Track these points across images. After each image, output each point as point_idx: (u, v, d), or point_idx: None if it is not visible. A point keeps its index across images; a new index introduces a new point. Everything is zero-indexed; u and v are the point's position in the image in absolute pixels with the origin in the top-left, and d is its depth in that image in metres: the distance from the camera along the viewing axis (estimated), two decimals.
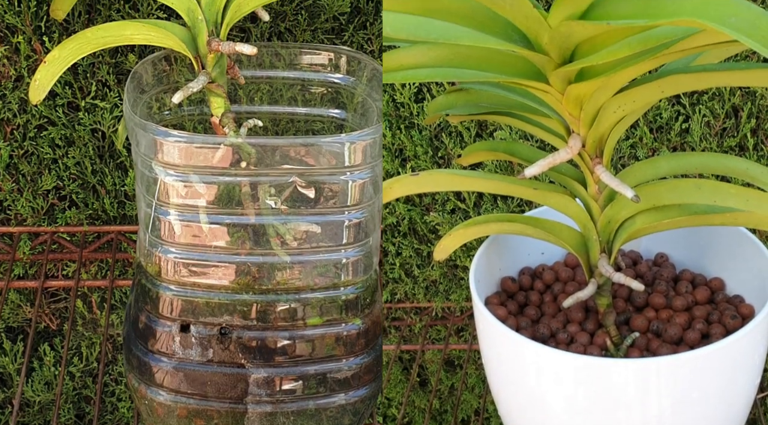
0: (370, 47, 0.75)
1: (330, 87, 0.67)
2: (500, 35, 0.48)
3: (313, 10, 0.72)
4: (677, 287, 0.62)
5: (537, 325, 0.60)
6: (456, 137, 0.79)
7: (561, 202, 0.57)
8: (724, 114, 0.76)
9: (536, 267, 0.65)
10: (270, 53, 0.67)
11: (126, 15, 0.71)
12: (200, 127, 0.68)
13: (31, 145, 0.75)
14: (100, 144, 0.76)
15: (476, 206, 0.81)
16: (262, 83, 0.68)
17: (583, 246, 0.58)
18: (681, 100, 0.77)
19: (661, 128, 0.78)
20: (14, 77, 0.72)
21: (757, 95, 0.76)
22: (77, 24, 0.71)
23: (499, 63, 0.50)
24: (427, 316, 0.85)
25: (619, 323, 0.60)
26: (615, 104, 0.51)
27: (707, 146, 0.77)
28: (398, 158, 0.80)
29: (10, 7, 0.69)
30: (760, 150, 0.77)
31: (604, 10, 0.45)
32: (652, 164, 0.57)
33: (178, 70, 0.65)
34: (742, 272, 0.61)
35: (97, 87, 0.73)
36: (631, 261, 0.65)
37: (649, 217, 0.55)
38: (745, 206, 0.53)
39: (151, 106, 0.65)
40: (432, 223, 0.82)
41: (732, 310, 0.59)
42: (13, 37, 0.71)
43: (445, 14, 0.47)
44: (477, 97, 0.57)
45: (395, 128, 0.79)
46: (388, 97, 0.78)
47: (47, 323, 0.81)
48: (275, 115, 0.69)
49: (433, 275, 0.84)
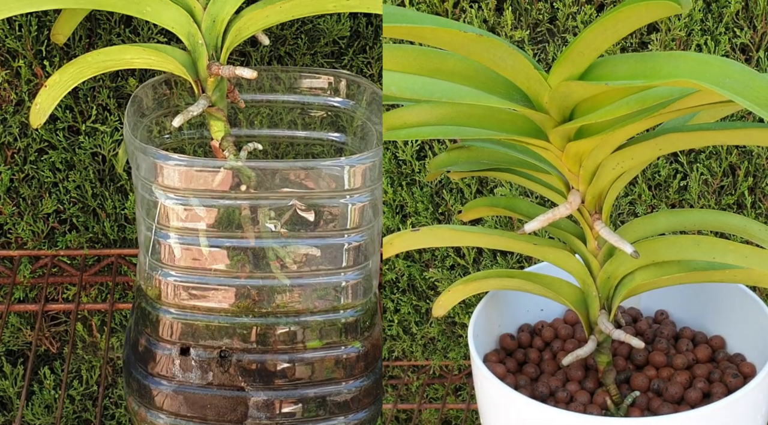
0: (369, 71, 0.75)
1: (330, 110, 0.68)
2: (502, 94, 0.48)
3: (313, 34, 0.73)
4: (678, 345, 0.62)
5: (536, 383, 0.59)
6: (457, 193, 0.80)
7: (560, 257, 0.58)
8: (722, 172, 0.77)
9: (535, 324, 0.65)
10: (270, 77, 0.68)
11: (126, 39, 0.72)
12: (200, 150, 0.68)
13: (31, 168, 0.75)
14: (100, 168, 0.76)
15: (475, 262, 0.81)
16: (262, 107, 0.68)
17: (582, 302, 0.58)
18: (679, 158, 0.78)
19: (659, 185, 0.79)
20: (15, 101, 0.73)
21: (754, 154, 0.77)
22: (78, 48, 0.72)
23: (501, 121, 0.51)
24: (424, 374, 0.85)
25: (620, 381, 0.60)
26: (613, 161, 0.51)
27: (705, 204, 0.78)
28: (399, 214, 0.81)
29: (11, 31, 0.69)
30: (758, 208, 0.78)
31: (602, 71, 0.46)
32: (650, 220, 0.57)
33: (178, 94, 0.66)
34: (743, 330, 0.61)
35: (98, 111, 0.74)
36: (631, 318, 0.65)
37: (648, 273, 0.56)
38: (744, 262, 0.53)
39: (151, 129, 0.65)
40: (431, 279, 0.82)
41: (733, 369, 0.59)
42: (14, 62, 0.71)
43: (449, 74, 0.48)
44: (478, 155, 0.58)
45: (397, 185, 0.80)
46: (390, 155, 0.79)
47: (47, 346, 0.81)
48: (275, 138, 0.69)
49: (432, 332, 0.84)
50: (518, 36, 0.75)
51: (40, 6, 0.58)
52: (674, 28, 0.74)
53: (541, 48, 0.76)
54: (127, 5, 0.59)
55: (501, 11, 0.75)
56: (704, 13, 0.74)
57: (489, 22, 0.75)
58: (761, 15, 0.74)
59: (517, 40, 0.75)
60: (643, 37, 0.76)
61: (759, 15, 0.74)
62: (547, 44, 0.76)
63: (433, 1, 0.74)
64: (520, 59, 0.46)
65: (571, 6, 0.74)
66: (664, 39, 0.75)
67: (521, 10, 0.76)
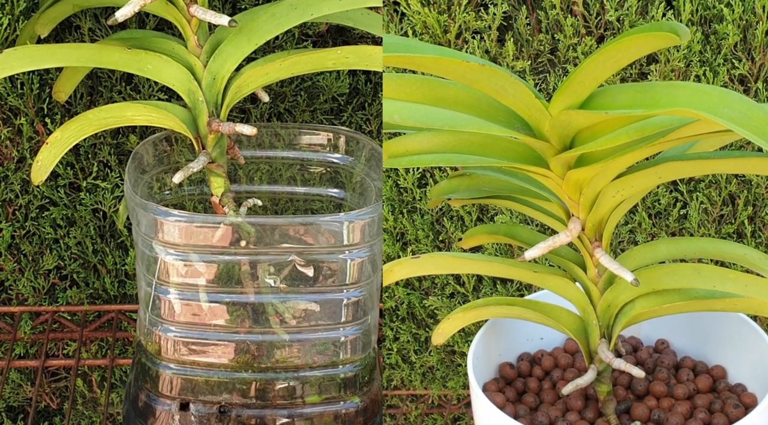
0: (368, 127, 0.76)
1: (329, 167, 0.68)
2: (503, 123, 0.49)
3: (313, 91, 0.74)
4: (678, 375, 0.62)
5: (535, 413, 0.59)
6: (457, 221, 0.80)
7: (560, 285, 0.58)
8: (721, 201, 0.77)
9: (535, 353, 0.65)
10: (270, 133, 0.68)
11: (128, 96, 0.72)
12: (200, 206, 0.69)
13: (32, 225, 0.75)
14: (101, 224, 0.76)
15: (475, 290, 0.81)
16: (262, 163, 0.69)
17: (582, 331, 0.58)
18: (679, 186, 0.78)
19: (659, 213, 0.79)
20: (17, 159, 0.73)
21: (753, 183, 0.77)
22: (79, 105, 0.72)
23: (502, 149, 0.51)
24: (423, 404, 0.84)
25: (620, 411, 0.59)
26: (614, 189, 0.52)
27: (705, 232, 0.78)
28: (399, 241, 0.81)
29: (13, 89, 0.70)
30: (758, 237, 0.78)
31: (602, 100, 0.46)
32: (651, 248, 0.57)
33: (178, 151, 0.66)
34: (744, 360, 0.61)
35: (99, 167, 0.74)
36: (631, 347, 0.65)
37: (648, 301, 0.56)
38: (744, 291, 0.53)
39: (152, 186, 0.66)
40: (431, 307, 0.82)
41: (734, 399, 0.59)
42: (15, 119, 0.72)
43: (451, 103, 0.49)
44: (479, 182, 0.58)
45: (398, 212, 0.80)
46: (391, 183, 0.79)
47: (48, 402, 0.80)
48: (274, 194, 0.69)
49: (431, 361, 0.83)
50: (520, 66, 0.76)
51: (42, 64, 0.59)
52: (673, 59, 0.75)
53: (542, 78, 0.77)
54: (128, 63, 0.60)
55: (503, 42, 0.76)
56: (703, 44, 0.75)
57: (491, 53, 0.76)
58: (759, 47, 0.74)
59: (518, 70, 0.76)
60: (642, 68, 0.76)
61: (757, 47, 0.74)
62: (548, 74, 0.77)
63: (436, 32, 0.75)
64: (521, 88, 0.46)
65: (572, 37, 0.75)
66: (664, 70, 0.75)
67: (523, 41, 0.76)
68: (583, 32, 0.75)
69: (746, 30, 0.74)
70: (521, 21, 0.76)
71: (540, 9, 0.76)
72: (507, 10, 0.75)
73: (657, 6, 0.74)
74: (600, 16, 0.75)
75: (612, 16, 0.74)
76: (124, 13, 0.56)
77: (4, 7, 0.67)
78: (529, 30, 0.76)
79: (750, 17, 0.74)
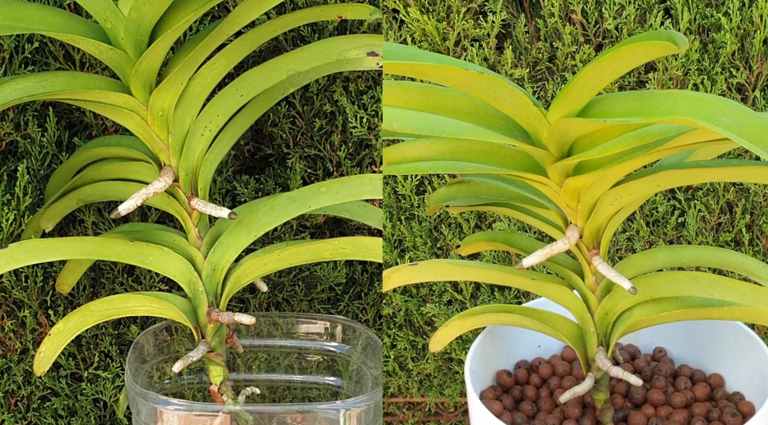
0: (365, 316, 0.77)
1: (326, 355, 0.70)
2: (501, 130, 0.49)
3: (310, 281, 0.75)
4: (676, 383, 0.62)
5: (533, 421, 0.59)
6: (455, 228, 0.80)
7: (558, 293, 0.58)
8: (719, 209, 0.77)
9: (532, 360, 0.65)
10: (268, 323, 0.70)
11: (129, 288, 0.73)
12: (200, 395, 0.69)
13: (34, 416, 0.75)
14: (101, 413, 0.75)
15: (473, 297, 0.81)
16: (260, 351, 0.70)
17: (580, 339, 0.58)
18: (677, 194, 0.78)
19: (657, 221, 0.79)
20: (20, 350, 0.73)
21: (751, 192, 0.77)
22: (82, 297, 0.72)
23: (500, 156, 0.51)
24: (420, 412, 0.84)
25: (617, 419, 0.59)
26: (611, 197, 0.52)
27: (703, 241, 0.78)
28: (397, 248, 0.81)
29: (17, 282, 0.70)
30: (756, 245, 0.78)
31: (600, 108, 0.46)
32: (648, 257, 0.57)
33: (178, 340, 0.67)
34: (742, 369, 0.61)
35: (100, 357, 0.74)
36: (629, 355, 0.65)
37: (646, 309, 0.56)
38: (742, 299, 0.53)
39: (152, 375, 0.66)
40: (428, 314, 0.82)
41: (732, 408, 0.59)
42: (19, 312, 0.72)
43: (449, 111, 0.49)
44: (477, 189, 0.58)
45: (395, 219, 0.80)
46: (390, 189, 0.79)
47: None
48: (272, 382, 0.71)
49: (428, 368, 0.83)
50: (518, 74, 0.76)
51: (46, 258, 0.60)
52: (671, 67, 0.75)
53: (541, 86, 0.77)
54: (130, 255, 0.61)
55: (501, 50, 0.76)
56: (701, 53, 0.75)
57: (490, 61, 0.76)
58: (757, 55, 0.75)
59: (517, 78, 0.76)
60: (640, 76, 0.76)
61: (755, 55, 0.75)
62: (547, 82, 0.77)
63: (435, 40, 0.75)
64: (519, 96, 0.46)
65: (571, 45, 0.75)
66: (662, 78, 0.75)
67: (521, 49, 0.77)
68: (581, 40, 0.75)
69: (744, 39, 0.75)
70: (520, 29, 0.76)
71: (539, 17, 0.76)
72: (506, 18, 0.75)
73: (655, 15, 0.74)
74: (598, 24, 0.75)
75: (610, 25, 0.74)
76: (127, 206, 0.57)
77: (10, 202, 0.67)
78: (527, 38, 0.76)
79: (748, 26, 0.74)
